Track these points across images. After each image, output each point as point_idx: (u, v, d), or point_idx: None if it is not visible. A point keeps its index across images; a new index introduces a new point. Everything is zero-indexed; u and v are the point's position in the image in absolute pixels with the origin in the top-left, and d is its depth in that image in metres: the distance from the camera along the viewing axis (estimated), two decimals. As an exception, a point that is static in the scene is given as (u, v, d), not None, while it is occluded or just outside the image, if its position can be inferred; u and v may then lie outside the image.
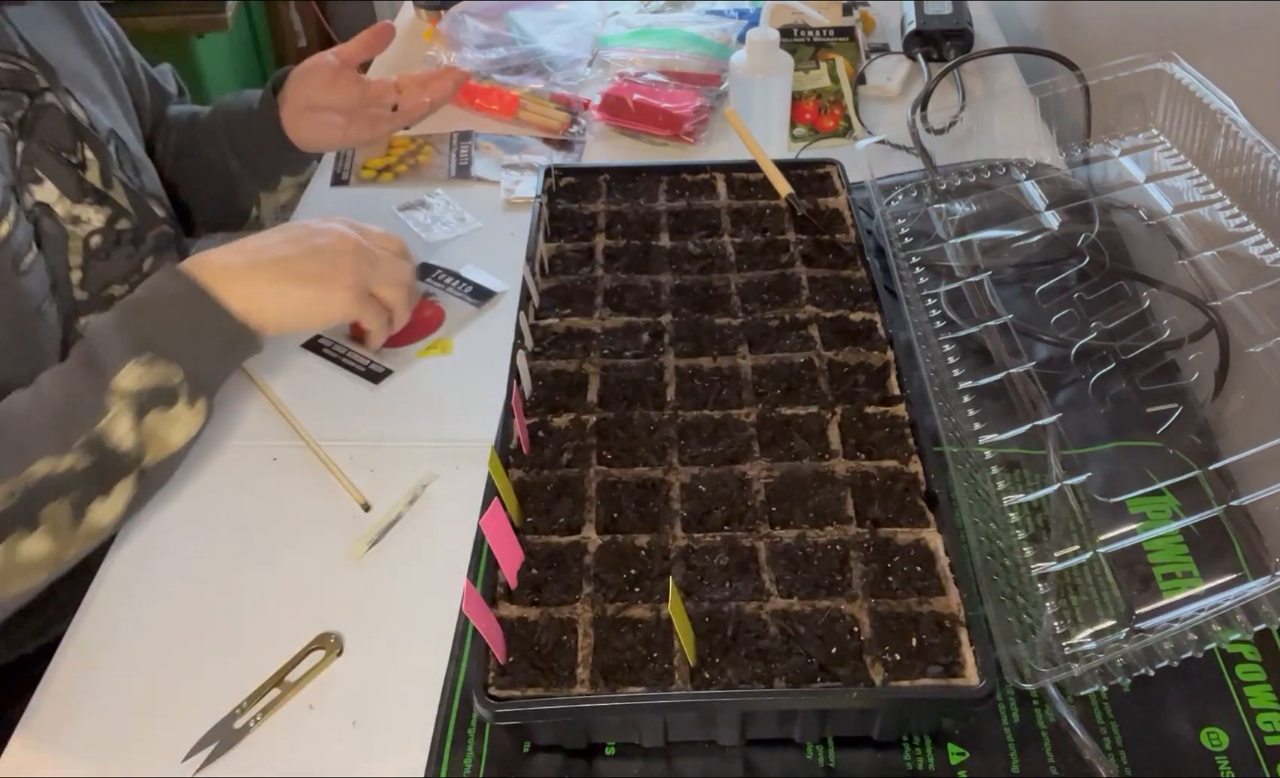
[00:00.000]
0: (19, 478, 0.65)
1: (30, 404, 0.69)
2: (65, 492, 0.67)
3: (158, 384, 0.70)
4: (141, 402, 0.69)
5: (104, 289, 0.86)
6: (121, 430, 0.68)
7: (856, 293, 0.84)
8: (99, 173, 0.85)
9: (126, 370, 0.69)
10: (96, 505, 0.68)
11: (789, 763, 0.61)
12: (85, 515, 0.68)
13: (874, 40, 1.28)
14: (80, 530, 0.68)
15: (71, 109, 0.85)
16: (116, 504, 0.70)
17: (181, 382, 0.71)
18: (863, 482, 0.69)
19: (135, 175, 0.91)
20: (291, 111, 0.96)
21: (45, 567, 0.68)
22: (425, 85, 0.97)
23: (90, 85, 0.90)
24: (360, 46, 0.95)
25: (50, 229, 0.82)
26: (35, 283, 0.79)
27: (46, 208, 0.82)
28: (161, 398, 0.70)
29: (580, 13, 1.35)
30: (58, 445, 0.66)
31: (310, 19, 2.52)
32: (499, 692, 0.58)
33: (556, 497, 0.69)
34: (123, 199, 0.88)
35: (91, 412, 0.68)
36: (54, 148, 0.83)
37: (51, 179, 0.82)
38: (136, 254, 0.88)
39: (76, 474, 0.67)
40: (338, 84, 0.95)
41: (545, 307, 0.84)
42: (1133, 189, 0.92)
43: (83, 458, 0.67)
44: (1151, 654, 0.59)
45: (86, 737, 0.65)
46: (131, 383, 0.69)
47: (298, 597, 0.71)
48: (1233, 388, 0.77)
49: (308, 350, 0.90)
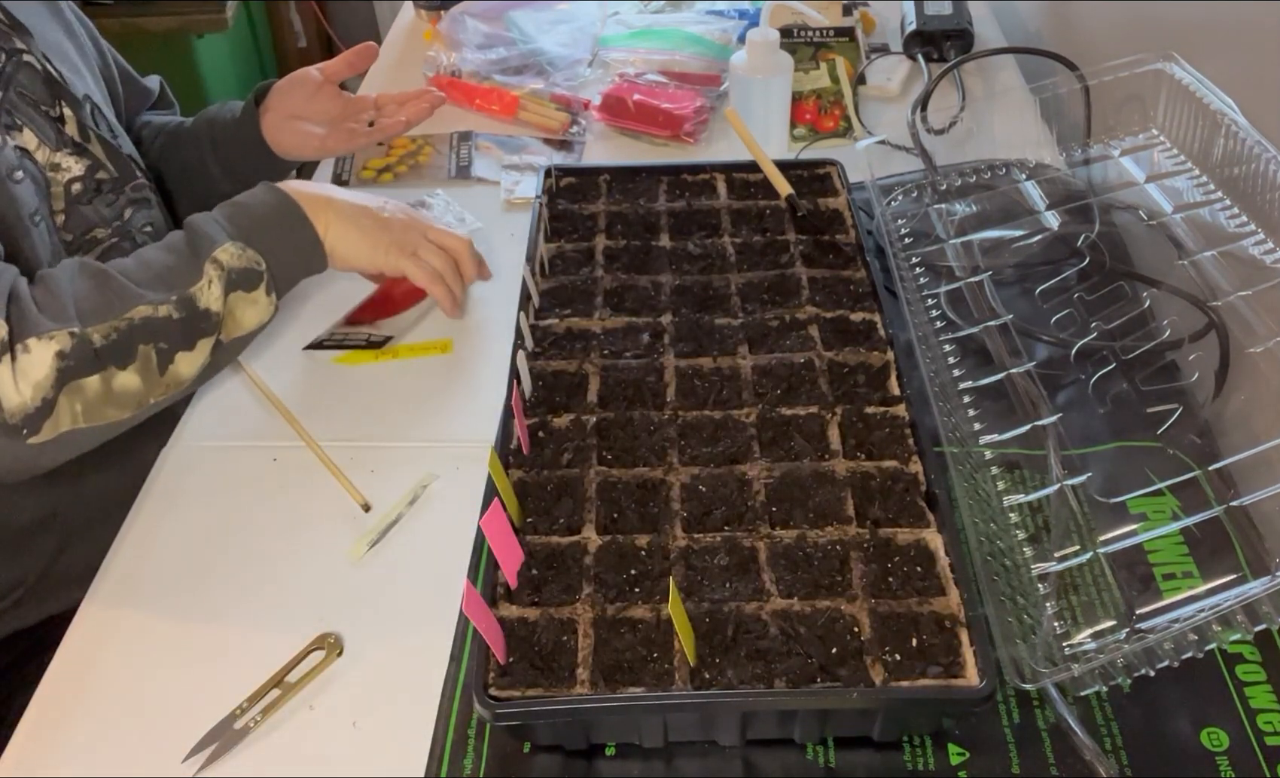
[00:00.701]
0: (122, 317, 0.72)
1: (135, 265, 0.76)
2: (158, 337, 0.73)
3: (247, 266, 0.77)
4: (232, 278, 0.76)
5: (87, 232, 0.88)
6: (212, 296, 0.76)
7: (856, 293, 0.84)
8: (77, 127, 0.88)
9: (224, 248, 0.76)
10: (181, 356, 0.75)
11: (789, 763, 0.61)
12: (171, 363, 0.74)
13: (874, 40, 1.28)
14: (165, 378, 0.74)
15: (49, 70, 0.86)
16: (196, 360, 0.76)
17: (265, 270, 0.78)
18: (863, 482, 0.69)
19: (113, 135, 0.92)
20: (273, 121, 0.99)
21: (132, 403, 0.73)
22: (403, 105, 1.02)
23: (66, 56, 0.92)
24: (343, 64, 1.00)
25: (32, 171, 0.83)
26: (26, 194, 0.81)
27: (27, 153, 0.84)
28: (247, 280, 0.77)
29: (580, 13, 1.35)
30: (158, 295, 0.73)
31: (310, 19, 2.52)
32: (499, 692, 0.58)
33: (556, 497, 0.69)
34: (101, 153, 0.89)
35: (189, 275, 0.75)
36: (32, 100, 0.85)
37: (30, 128, 0.84)
38: (117, 202, 0.90)
39: (171, 323, 0.74)
40: (319, 98, 1.00)
41: (545, 307, 0.84)
42: (1133, 189, 0.92)
43: (177, 310, 0.74)
44: (1151, 654, 0.59)
45: (86, 737, 0.65)
46: (226, 259, 0.76)
47: (298, 597, 0.71)
48: (1233, 388, 0.77)
49: (311, 350, 0.91)
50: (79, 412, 0.70)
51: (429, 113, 1.02)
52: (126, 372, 0.72)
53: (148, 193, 0.94)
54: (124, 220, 0.90)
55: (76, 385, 0.70)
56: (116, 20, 1.93)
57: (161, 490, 0.80)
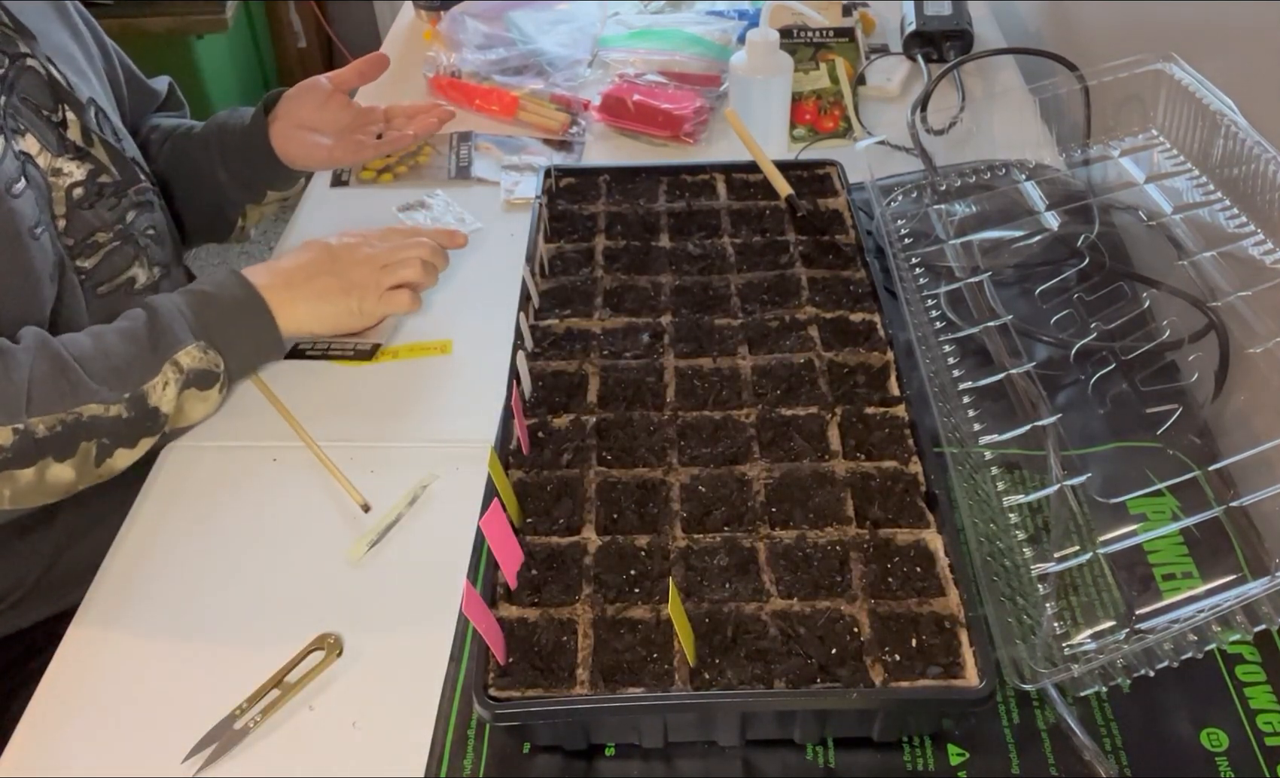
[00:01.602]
0: (71, 411, 0.73)
1: (94, 352, 0.76)
2: (101, 434, 0.74)
3: (206, 368, 0.79)
4: (188, 378, 0.78)
5: (89, 236, 0.87)
6: (165, 398, 0.77)
7: (856, 293, 0.84)
8: (80, 131, 0.87)
9: (186, 350, 0.78)
10: (120, 452, 0.76)
11: (789, 764, 0.61)
12: (109, 459, 0.76)
13: (874, 41, 1.28)
14: (99, 470, 0.75)
15: (52, 73, 0.86)
16: (135, 455, 0.77)
17: (222, 371, 0.80)
18: (863, 482, 0.69)
19: (117, 139, 0.92)
20: (282, 130, 0.99)
21: (60, 492, 0.75)
22: (412, 118, 1.02)
23: (71, 58, 0.92)
24: (353, 74, 1.00)
25: (34, 177, 0.83)
26: (26, 206, 0.81)
27: (29, 157, 0.83)
28: (203, 380, 0.79)
29: (580, 13, 1.35)
30: (110, 393, 0.74)
31: (310, 20, 2.52)
32: (499, 692, 0.58)
33: (556, 497, 0.69)
34: (104, 156, 0.89)
35: (146, 371, 0.76)
36: (34, 105, 0.85)
37: (33, 133, 0.84)
38: (119, 206, 0.90)
39: (118, 422, 0.75)
40: (328, 107, 0.99)
41: (545, 307, 0.84)
42: (1132, 189, 0.92)
43: (127, 410, 0.75)
44: (1151, 655, 0.59)
45: (86, 737, 0.65)
46: (187, 361, 0.78)
47: (298, 597, 0.71)
48: (1233, 388, 0.77)
49: (291, 359, 0.90)
50: (6, 496, 0.72)
51: (437, 127, 1.03)
52: (63, 464, 0.73)
53: (150, 195, 0.94)
54: (126, 223, 0.90)
55: (10, 475, 0.71)
56: (117, 21, 1.93)
57: (161, 490, 0.80)
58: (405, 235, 0.90)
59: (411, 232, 0.92)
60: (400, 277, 0.87)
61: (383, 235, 0.90)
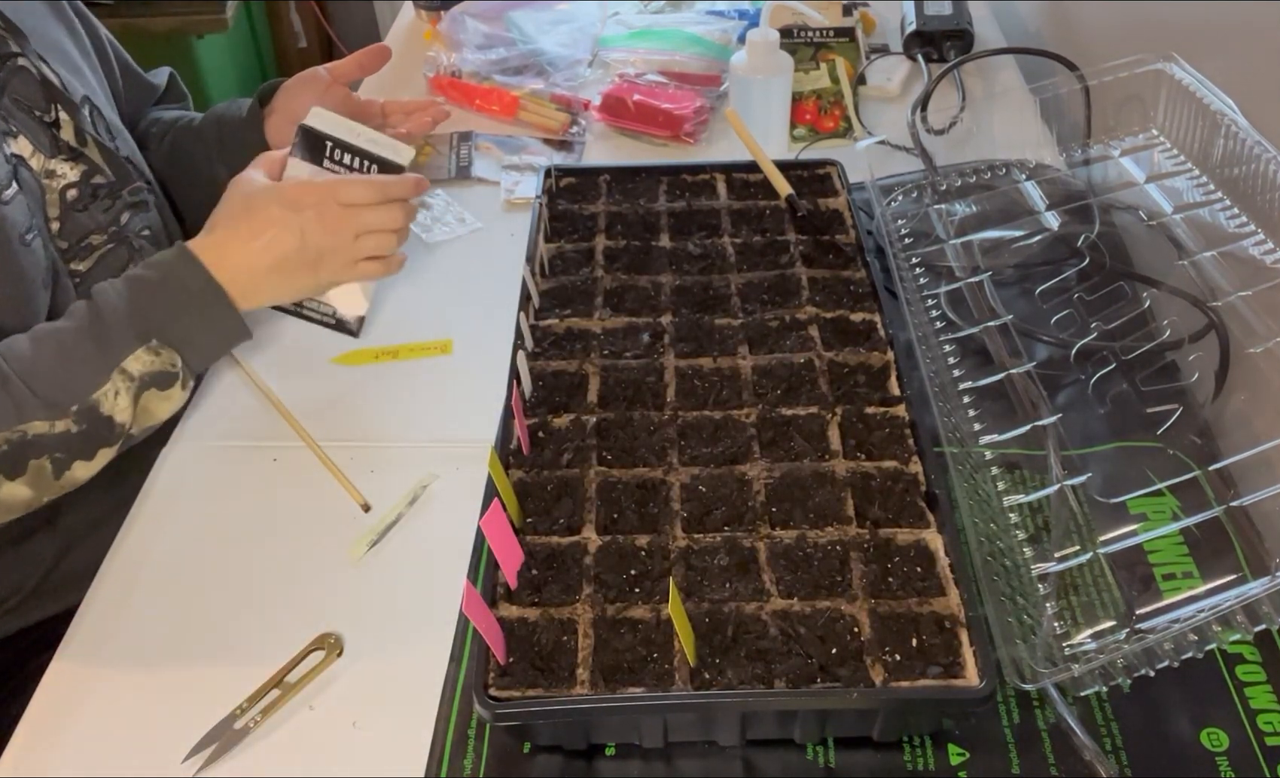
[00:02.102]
0: (15, 429, 0.69)
1: (31, 358, 0.71)
2: (52, 450, 0.71)
3: (161, 369, 0.73)
4: (144, 382, 0.73)
5: (83, 239, 0.86)
6: (119, 405, 0.72)
7: (856, 293, 0.84)
8: (73, 132, 0.86)
9: (135, 356, 0.72)
10: (78, 464, 0.72)
11: (789, 763, 0.61)
12: (67, 472, 0.72)
13: (874, 41, 1.28)
14: (59, 484, 0.72)
15: (44, 73, 0.85)
16: (95, 466, 0.74)
17: (182, 366, 0.75)
18: (863, 482, 0.69)
19: (112, 139, 0.91)
20: (278, 122, 0.98)
21: (21, 509, 0.72)
22: (409, 114, 1.01)
23: (65, 55, 0.91)
24: (354, 65, 0.98)
25: (27, 180, 0.82)
26: (17, 213, 0.80)
27: (21, 160, 0.82)
28: (161, 381, 0.74)
29: (580, 13, 1.35)
30: (54, 410, 0.70)
31: (310, 19, 2.52)
32: (499, 692, 0.58)
33: (556, 497, 0.69)
34: (97, 157, 0.88)
35: (91, 382, 0.71)
36: (26, 106, 0.84)
37: (25, 134, 0.83)
38: (114, 207, 0.89)
39: (68, 437, 0.71)
40: (326, 99, 0.97)
41: (545, 307, 0.84)
42: (1133, 189, 0.92)
43: (75, 423, 0.71)
44: (1151, 655, 0.59)
45: (86, 737, 0.65)
46: (137, 367, 0.72)
47: (298, 597, 0.71)
48: (1233, 388, 0.77)
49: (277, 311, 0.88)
50: None
51: (431, 126, 1.02)
52: (15, 483, 0.70)
53: (145, 195, 0.93)
54: (121, 225, 0.89)
55: None
56: (117, 20, 1.92)
57: (161, 490, 0.80)
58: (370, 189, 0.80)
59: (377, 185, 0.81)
60: (375, 247, 0.81)
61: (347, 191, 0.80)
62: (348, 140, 0.84)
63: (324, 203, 0.79)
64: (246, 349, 0.91)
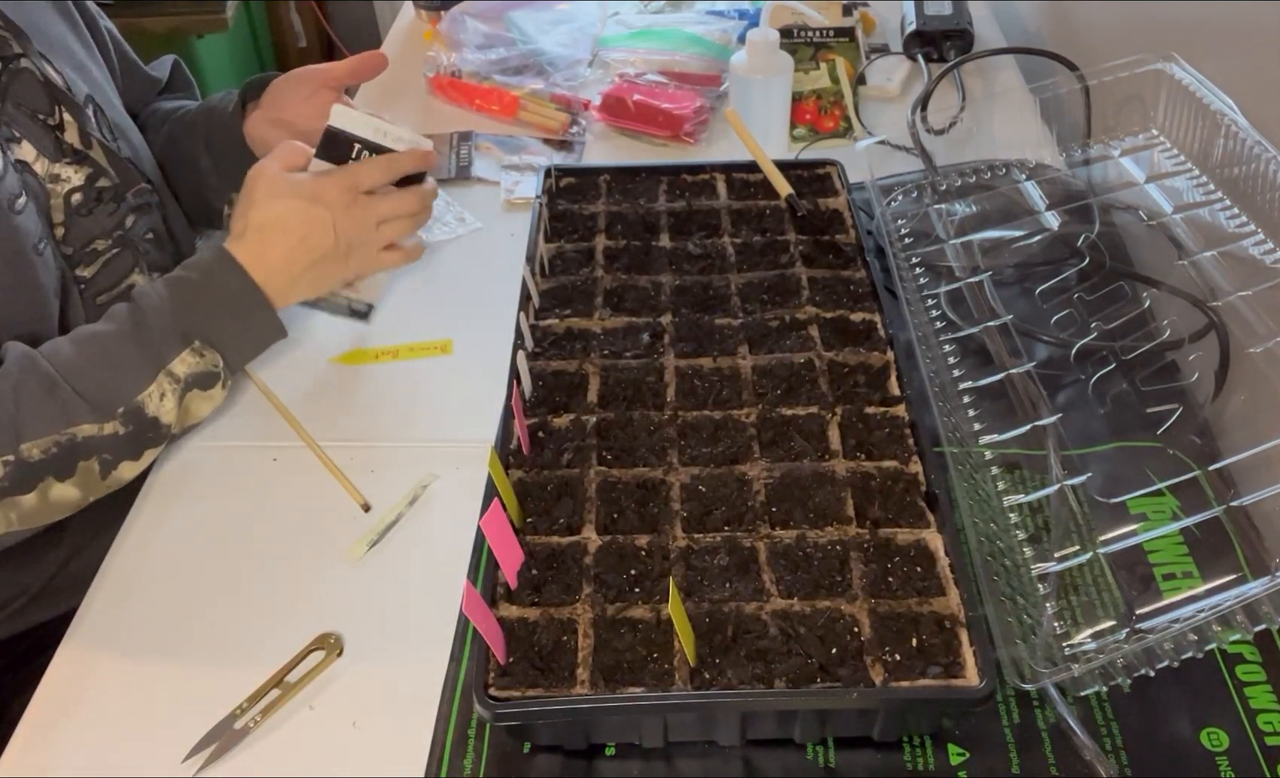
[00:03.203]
0: (64, 432, 0.71)
1: (76, 361, 0.73)
2: (101, 452, 0.73)
3: (205, 370, 0.77)
4: (188, 384, 0.76)
5: (87, 244, 0.86)
6: (165, 407, 0.75)
7: (856, 293, 0.84)
8: (77, 134, 0.85)
9: (180, 358, 0.75)
10: (125, 465, 0.75)
11: (789, 763, 0.61)
12: (113, 472, 0.74)
13: (874, 41, 1.28)
14: (105, 484, 0.74)
15: (47, 74, 0.84)
16: (141, 466, 0.76)
17: (222, 368, 0.78)
18: (863, 482, 0.69)
19: (114, 139, 0.90)
20: (259, 122, 0.96)
21: (69, 509, 0.74)
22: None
23: (69, 53, 0.90)
24: (347, 70, 0.95)
25: (32, 186, 0.82)
26: (29, 223, 0.79)
27: (26, 166, 0.82)
28: (204, 382, 0.77)
29: (580, 13, 1.35)
30: (101, 413, 0.72)
31: (310, 19, 2.52)
32: (499, 692, 0.58)
33: (556, 497, 0.69)
34: (102, 159, 0.87)
35: (138, 384, 0.74)
36: (30, 110, 0.83)
37: (29, 139, 0.82)
38: (118, 211, 0.88)
39: (115, 439, 0.73)
40: (315, 101, 0.95)
41: (545, 307, 0.84)
42: (1133, 189, 0.92)
43: (123, 425, 0.73)
44: (1151, 655, 0.59)
45: (86, 737, 0.65)
46: (183, 370, 0.75)
47: (298, 597, 0.71)
48: (1233, 388, 0.77)
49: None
50: (14, 519, 0.71)
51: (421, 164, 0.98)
52: (65, 484, 0.72)
53: (149, 198, 0.92)
54: (125, 229, 0.88)
55: (13, 502, 0.70)
56: (117, 20, 1.91)
57: (161, 490, 0.80)
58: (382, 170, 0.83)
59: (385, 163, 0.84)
60: (396, 233, 0.85)
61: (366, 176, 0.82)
62: (372, 140, 0.85)
63: (348, 193, 0.82)
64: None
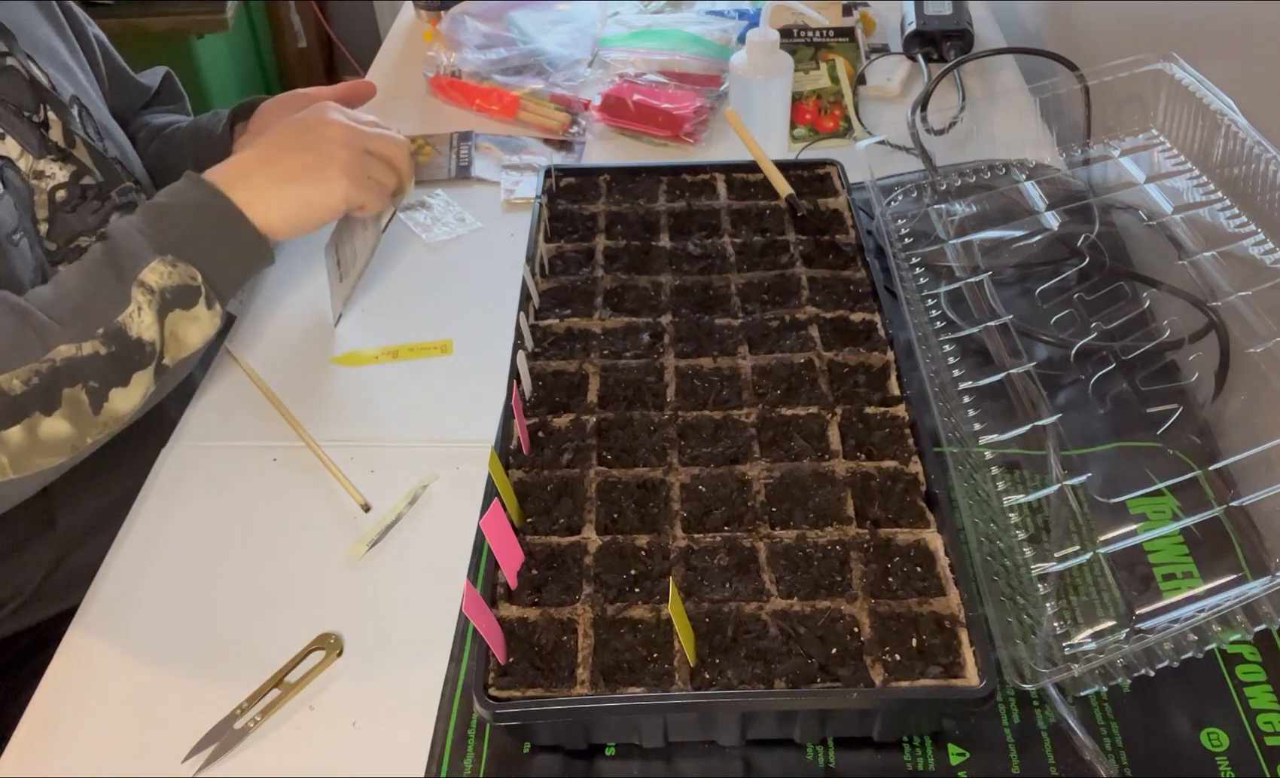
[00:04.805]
0: (43, 360, 0.68)
1: (52, 295, 0.71)
2: (85, 377, 0.69)
3: (180, 283, 0.73)
4: (165, 300, 0.72)
5: (71, 241, 0.86)
6: (144, 324, 0.71)
7: (856, 293, 0.84)
8: (62, 132, 0.85)
9: (151, 267, 0.72)
10: (115, 394, 0.71)
11: (789, 763, 0.61)
12: (105, 403, 0.71)
13: (874, 41, 1.28)
14: (100, 418, 0.71)
15: (33, 73, 0.85)
16: (134, 395, 0.72)
17: (201, 282, 0.74)
18: (863, 482, 0.69)
19: (99, 139, 0.90)
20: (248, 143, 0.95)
21: (65, 449, 0.71)
22: None
23: (54, 54, 0.90)
24: (335, 96, 0.95)
25: (14, 181, 0.82)
26: (4, 212, 0.79)
27: (9, 161, 0.82)
28: (183, 297, 0.73)
29: (580, 13, 1.35)
30: (79, 333, 0.69)
31: (310, 19, 2.52)
32: (499, 692, 0.58)
33: (556, 497, 0.69)
34: (86, 158, 0.87)
35: (114, 304, 0.71)
36: (15, 107, 0.83)
37: (13, 135, 0.82)
38: (103, 209, 0.88)
39: (98, 360, 0.70)
40: None
41: (545, 307, 0.84)
42: (1133, 189, 0.92)
43: (104, 346, 0.70)
44: (1151, 655, 0.59)
45: (86, 737, 0.65)
46: (155, 280, 0.72)
47: (298, 597, 0.71)
48: (1233, 388, 0.77)
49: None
50: (4, 464, 0.68)
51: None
52: (52, 417, 0.69)
53: (134, 196, 0.92)
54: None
55: None
56: (117, 20, 1.93)
57: (161, 490, 0.80)
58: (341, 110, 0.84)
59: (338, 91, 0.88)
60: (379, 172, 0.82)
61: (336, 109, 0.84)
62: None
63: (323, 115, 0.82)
64: (246, 349, 0.91)
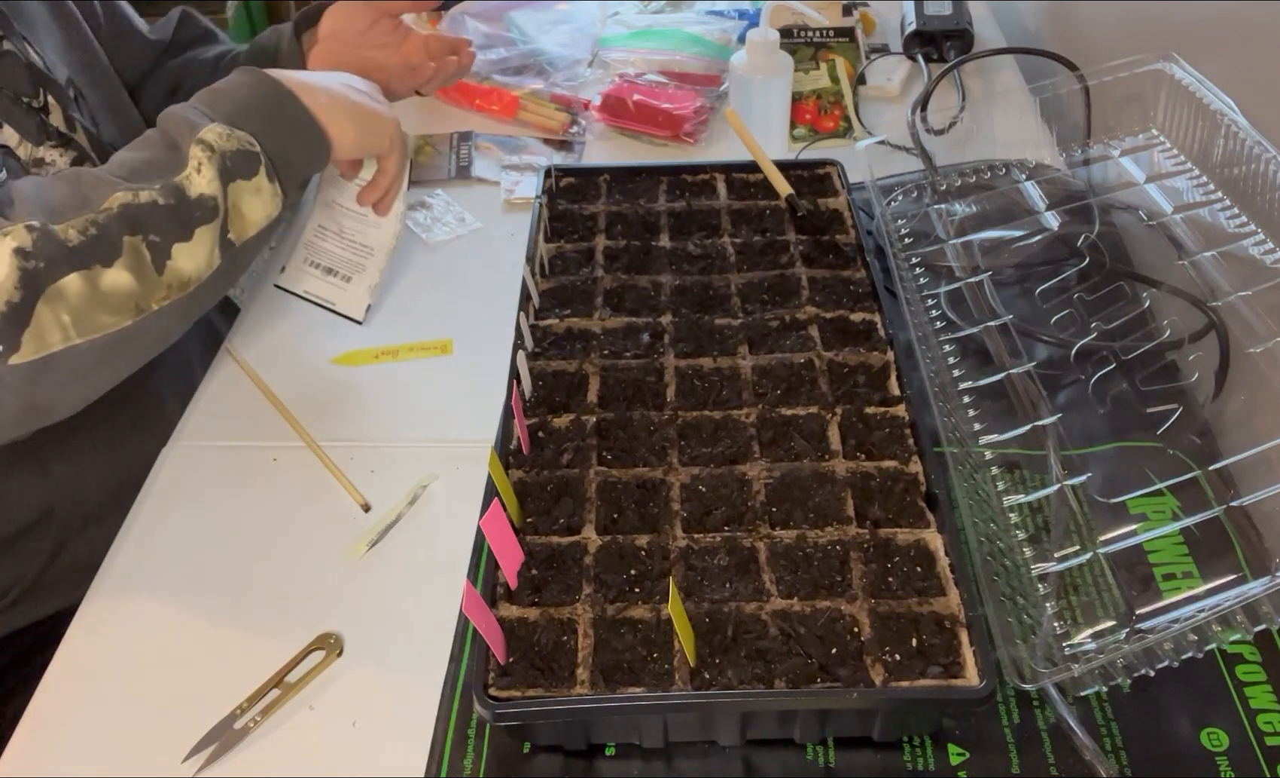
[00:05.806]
0: (99, 209, 0.66)
1: (111, 164, 0.70)
2: (145, 227, 0.67)
3: (239, 148, 0.72)
4: (226, 163, 0.71)
5: None
6: (203, 180, 0.70)
7: (856, 293, 0.84)
8: (62, 117, 0.85)
9: (209, 128, 0.71)
10: (179, 249, 0.69)
11: (789, 763, 0.61)
12: (169, 259, 0.69)
13: (874, 41, 1.28)
14: (165, 276, 0.69)
15: (30, 55, 0.84)
16: (198, 254, 0.70)
17: (260, 151, 0.73)
18: (863, 482, 0.69)
19: (96, 125, 0.89)
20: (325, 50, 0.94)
21: (129, 307, 0.68)
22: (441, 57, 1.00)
23: (50, 36, 0.89)
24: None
25: (14, 169, 0.81)
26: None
27: (8, 150, 0.81)
28: (243, 165, 0.72)
29: (580, 13, 1.35)
30: (137, 183, 0.68)
31: (310, 19, 2.52)
32: (499, 692, 0.58)
33: (556, 497, 0.69)
34: (85, 144, 0.86)
35: (173, 165, 0.70)
36: (13, 93, 0.82)
37: (11, 124, 0.81)
38: None
39: (156, 210, 0.68)
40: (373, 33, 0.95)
41: (545, 307, 0.84)
42: (1133, 189, 0.92)
43: (162, 197, 0.68)
44: (1151, 655, 0.59)
45: (86, 736, 0.65)
46: (214, 139, 0.71)
47: (298, 597, 0.71)
48: (1233, 388, 0.77)
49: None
50: (67, 323, 0.64)
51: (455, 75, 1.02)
52: (114, 268, 0.65)
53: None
54: None
55: (55, 290, 0.64)
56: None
57: (161, 490, 0.80)
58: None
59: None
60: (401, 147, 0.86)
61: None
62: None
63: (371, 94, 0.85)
64: (246, 348, 0.91)
